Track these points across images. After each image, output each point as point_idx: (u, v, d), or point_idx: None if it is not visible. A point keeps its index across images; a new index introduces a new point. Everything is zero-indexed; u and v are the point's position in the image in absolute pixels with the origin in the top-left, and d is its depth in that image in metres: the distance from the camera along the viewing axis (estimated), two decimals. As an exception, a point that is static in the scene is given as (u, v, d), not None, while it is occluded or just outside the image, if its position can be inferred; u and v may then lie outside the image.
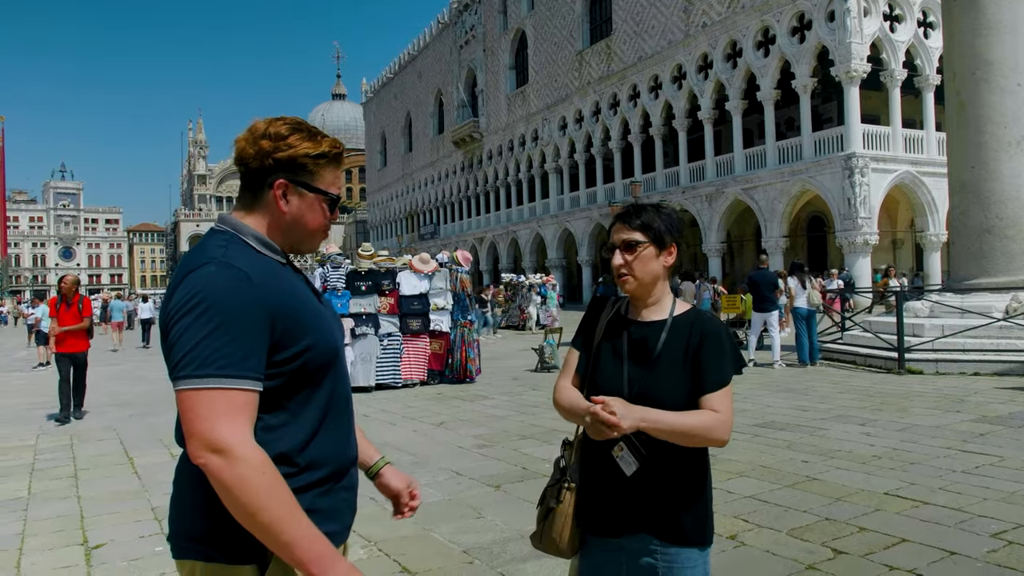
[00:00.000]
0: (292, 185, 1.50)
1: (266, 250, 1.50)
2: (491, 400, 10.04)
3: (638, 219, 1.93)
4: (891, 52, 27.69)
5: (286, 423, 1.45)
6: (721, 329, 1.91)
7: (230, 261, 1.40)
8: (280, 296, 1.43)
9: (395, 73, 69.98)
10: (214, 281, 1.37)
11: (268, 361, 1.40)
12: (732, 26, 31.17)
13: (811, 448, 6.40)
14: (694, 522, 1.85)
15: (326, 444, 1.50)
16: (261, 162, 1.48)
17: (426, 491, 5.52)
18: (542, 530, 1.97)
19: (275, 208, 1.51)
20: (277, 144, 1.47)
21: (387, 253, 13.18)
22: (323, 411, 1.50)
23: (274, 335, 1.40)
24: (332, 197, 1.56)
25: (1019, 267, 11.78)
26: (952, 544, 4.01)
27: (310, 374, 1.47)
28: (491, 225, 52.56)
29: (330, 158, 1.53)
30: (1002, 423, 7.21)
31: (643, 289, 1.94)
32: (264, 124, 1.51)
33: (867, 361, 12.14)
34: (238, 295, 1.36)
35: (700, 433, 1.79)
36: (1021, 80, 11.89)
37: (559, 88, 43.77)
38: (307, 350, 1.44)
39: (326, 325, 1.53)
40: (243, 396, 1.35)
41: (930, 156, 27.95)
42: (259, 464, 1.32)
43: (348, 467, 1.58)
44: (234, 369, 1.34)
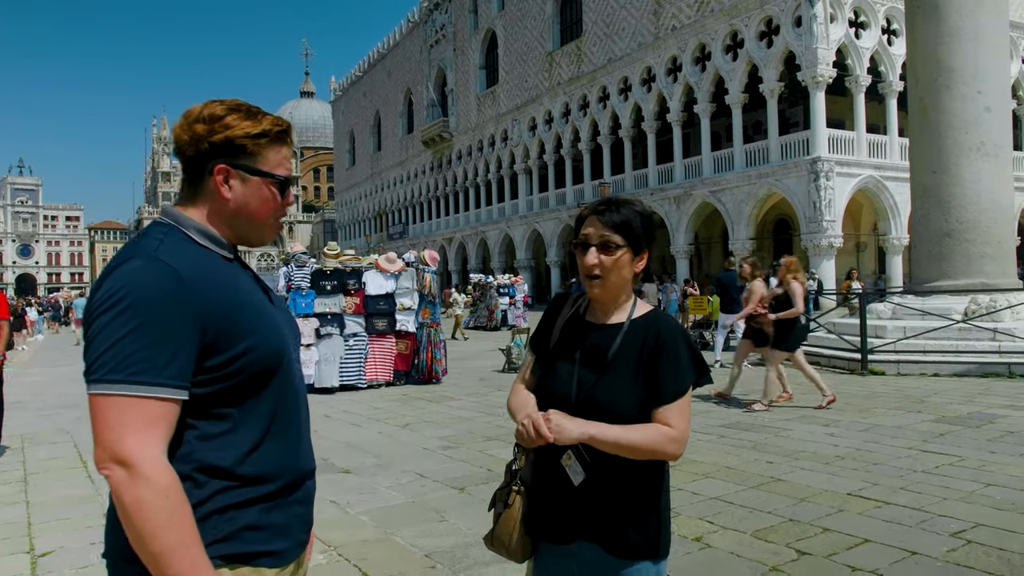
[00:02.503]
0: (233, 169, 1.38)
1: (209, 243, 1.39)
2: (457, 401, 9.96)
3: (618, 217, 1.78)
4: (856, 58, 28.11)
5: (226, 432, 1.33)
6: (679, 334, 1.81)
7: (159, 256, 1.29)
8: (216, 295, 1.31)
9: (364, 71, 69.48)
10: (138, 277, 1.26)
11: (199, 366, 1.28)
12: (701, 29, 31.42)
13: (776, 449, 6.42)
14: (646, 535, 1.77)
15: (274, 455, 1.39)
16: (197, 147, 1.37)
17: (389, 493, 5.44)
18: (493, 532, 1.91)
19: (217, 196, 1.39)
20: (212, 126, 1.36)
21: (353, 252, 13.02)
22: (268, 419, 1.38)
23: (205, 338, 1.28)
24: (280, 179, 1.43)
25: (978, 270, 11.99)
26: (913, 544, 4.03)
27: (251, 380, 1.35)
28: (460, 225, 52.41)
29: (272, 137, 1.42)
30: (961, 423, 7.32)
31: (610, 295, 1.83)
32: (199, 107, 1.40)
33: (831, 362, 12.27)
34: (163, 293, 1.25)
35: (648, 449, 1.70)
36: (981, 87, 12.10)
37: (529, 89, 43.78)
38: (245, 353, 1.33)
39: (272, 327, 1.42)
40: (159, 406, 1.23)
41: (893, 161, 28.43)
42: (163, 487, 1.21)
43: (302, 479, 1.46)
44: (151, 375, 1.22)
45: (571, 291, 10.59)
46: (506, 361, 13.30)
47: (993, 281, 11.86)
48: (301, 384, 1.51)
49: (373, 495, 5.41)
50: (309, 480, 1.49)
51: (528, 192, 44.83)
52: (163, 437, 1.24)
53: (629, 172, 36.50)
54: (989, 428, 7.04)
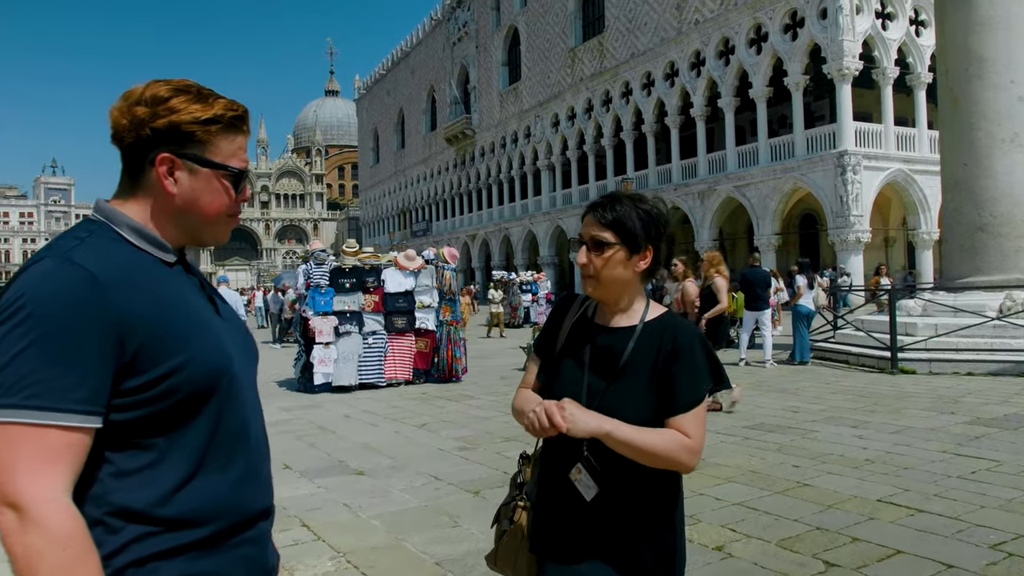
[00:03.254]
0: (179, 159, 1.19)
1: (145, 244, 1.20)
2: (476, 400, 9.84)
3: (611, 214, 1.67)
4: (883, 50, 27.58)
5: (147, 468, 1.12)
6: (696, 338, 1.67)
7: (73, 257, 1.09)
8: (140, 304, 1.11)
9: (388, 70, 69.66)
10: (43, 283, 1.07)
11: (116, 388, 1.09)
12: (725, 23, 31.02)
13: (802, 451, 6.21)
14: (659, 555, 1.64)
15: (209, 494, 1.17)
16: (137, 134, 1.17)
17: (403, 496, 5.32)
18: (496, 551, 1.81)
19: (160, 190, 1.20)
20: (155, 110, 1.17)
21: (372, 250, 12.95)
22: (201, 451, 1.17)
23: (123, 354, 1.08)
24: (233, 171, 1.24)
25: (1013, 265, 11.63)
26: (949, 556, 3.82)
27: (180, 404, 1.14)
28: (483, 222, 52.35)
29: (226, 123, 1.22)
30: (997, 425, 7.04)
31: (607, 295, 1.71)
32: (141, 87, 1.21)
33: (859, 360, 11.97)
34: (72, 302, 1.05)
35: (663, 455, 1.57)
36: (1014, 77, 11.73)
37: (552, 85, 43.55)
38: (173, 373, 1.12)
39: (211, 342, 1.20)
40: (62, 436, 1.03)
41: (922, 154, 27.87)
42: (61, 535, 1.01)
43: (251, 520, 1.24)
44: (51, 399, 1.02)
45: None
46: (527, 359, 13.16)
47: (1029, 276, 11.49)
48: (253, 410, 1.29)
49: (386, 498, 5.29)
50: (263, 521, 1.27)
51: (551, 188, 44.65)
52: (66, 473, 1.04)
53: (652, 168, 36.19)
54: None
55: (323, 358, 10.92)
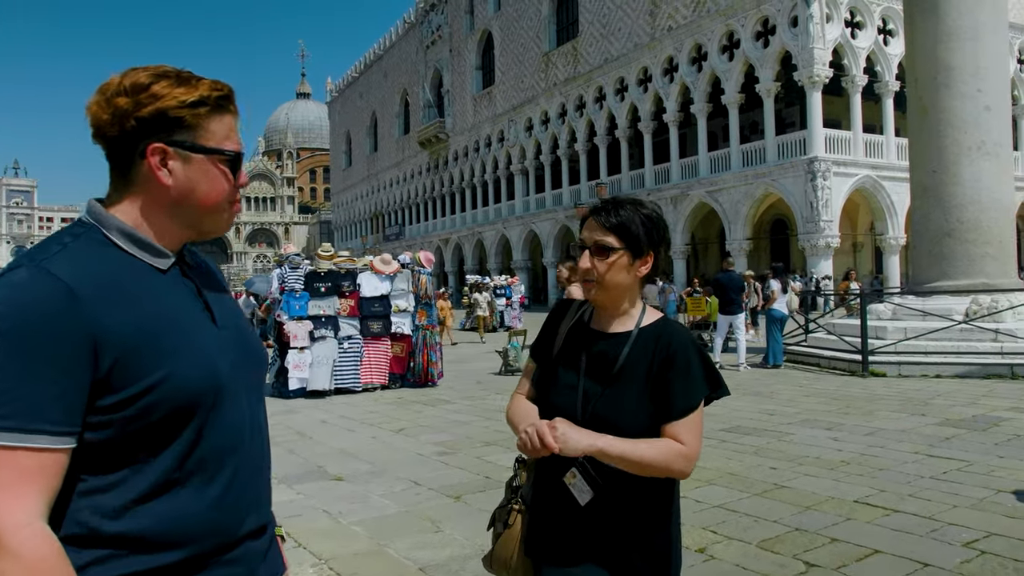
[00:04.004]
0: (170, 148, 1.11)
1: (136, 249, 1.13)
2: (453, 405, 9.81)
3: (615, 218, 1.68)
4: (852, 58, 28.06)
5: (117, 486, 1.07)
6: (691, 344, 1.68)
7: (48, 267, 1.03)
8: (120, 316, 1.04)
9: (361, 72, 69.35)
10: (15, 295, 1.00)
11: (91, 405, 1.03)
12: (697, 30, 31.34)
13: (779, 454, 6.29)
14: (655, 558, 1.66)
15: (188, 513, 1.10)
16: (122, 126, 1.09)
17: (383, 502, 5.29)
18: (492, 554, 1.80)
19: (154, 184, 1.12)
20: (138, 98, 1.09)
21: (347, 254, 12.88)
22: (177, 469, 1.10)
23: (98, 370, 1.02)
24: (229, 154, 1.16)
25: (979, 270, 11.88)
26: (924, 555, 3.89)
27: (160, 421, 1.07)
28: (456, 226, 52.28)
29: (213, 105, 1.14)
30: (966, 426, 7.19)
31: (609, 300, 1.71)
32: (117, 77, 1.12)
33: (831, 364, 12.15)
34: (44, 315, 0.99)
35: (659, 465, 1.58)
36: (981, 86, 11.99)
37: (525, 89, 43.67)
38: (152, 389, 1.05)
39: (199, 354, 1.12)
40: (35, 458, 0.98)
41: (889, 161, 28.39)
42: (33, 562, 0.96)
43: (236, 542, 1.17)
44: (22, 420, 0.97)
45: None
46: (503, 363, 13.16)
47: (994, 281, 11.75)
48: (247, 421, 1.21)
49: (366, 504, 5.26)
50: (251, 540, 1.20)
51: (525, 193, 44.73)
52: (40, 497, 0.99)
53: (626, 172, 36.42)
54: (995, 431, 6.91)
55: (298, 363, 10.82)
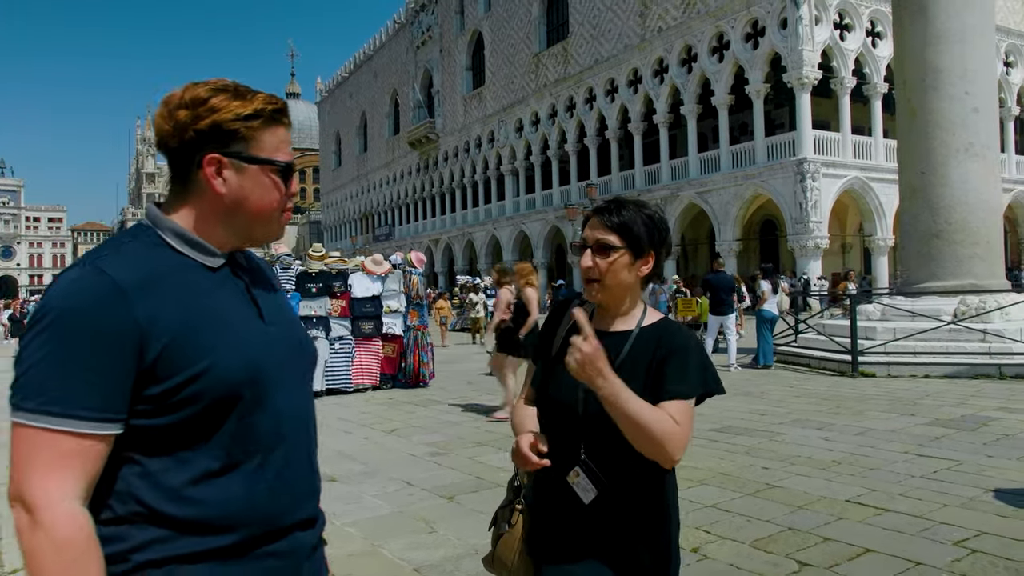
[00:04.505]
0: (225, 158, 1.20)
1: (187, 248, 1.21)
2: (445, 405, 9.80)
3: (617, 218, 1.69)
4: (841, 60, 28.22)
5: (170, 470, 1.14)
6: (691, 344, 1.70)
7: (102, 266, 1.12)
8: (167, 310, 1.12)
9: (350, 72, 69.16)
10: (67, 291, 1.10)
11: (138, 395, 1.11)
12: (687, 31, 31.44)
13: (770, 454, 6.31)
14: (655, 558, 1.67)
15: (235, 499, 1.16)
16: (181, 137, 1.19)
17: (376, 503, 5.29)
18: (493, 554, 1.80)
19: (210, 192, 1.21)
20: (196, 111, 1.18)
21: (339, 254, 12.85)
22: (225, 456, 1.16)
23: (143, 361, 1.10)
24: (280, 165, 1.25)
25: (967, 271, 11.96)
26: (916, 554, 3.92)
27: (206, 409, 1.14)
28: (447, 227, 52.23)
29: (267, 117, 1.23)
30: (955, 426, 7.24)
31: (610, 299, 1.72)
32: (179, 91, 1.22)
33: (821, 364, 12.21)
34: (92, 309, 1.08)
35: (656, 434, 1.54)
36: (969, 88, 12.08)
37: (516, 90, 43.68)
38: (197, 377, 1.12)
39: (242, 348, 1.19)
40: (73, 442, 1.06)
41: (878, 162, 28.57)
42: (62, 539, 1.04)
43: (283, 531, 1.22)
44: (64, 405, 1.06)
45: (560, 293, 10.53)
46: (494, 364, 13.15)
47: (982, 282, 11.83)
48: (293, 417, 1.27)
49: (359, 505, 5.25)
50: (300, 531, 1.25)
51: (515, 193, 44.73)
52: (77, 479, 1.07)
53: (616, 173, 36.48)
54: (984, 431, 6.97)
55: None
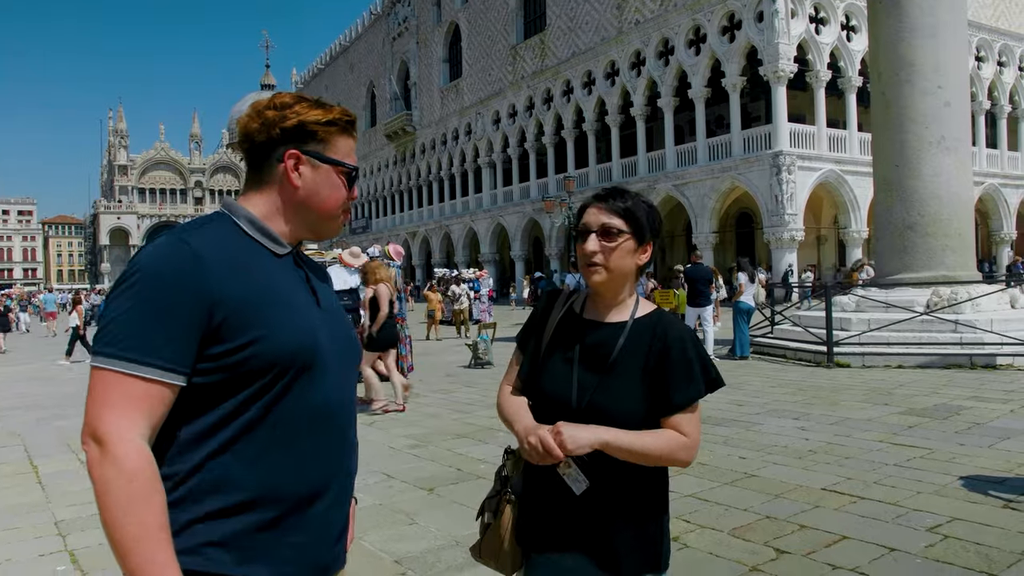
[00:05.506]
0: (304, 155, 1.35)
1: (258, 234, 1.34)
2: (424, 398, 9.79)
3: (622, 203, 1.69)
4: (816, 53, 28.44)
5: (212, 435, 1.24)
6: (687, 336, 1.69)
7: (186, 238, 1.25)
8: (235, 281, 1.24)
9: (326, 64, 68.63)
10: (155, 255, 1.23)
11: (202, 353, 1.22)
12: (664, 24, 31.53)
13: (748, 444, 6.38)
14: (646, 546, 1.66)
15: (259, 466, 1.25)
16: (268, 133, 1.33)
17: (356, 495, 5.26)
18: (481, 543, 1.80)
19: (287, 184, 1.35)
20: (284, 113, 1.34)
21: (315, 247, 12.76)
22: (259, 421, 1.26)
23: (210, 324, 1.21)
24: (349, 167, 1.40)
25: (939, 262, 12.14)
26: (891, 540, 3.98)
27: (252, 374, 1.24)
28: (424, 219, 52.07)
29: (341, 126, 1.38)
30: (928, 415, 7.36)
31: (612, 285, 1.71)
32: (266, 99, 1.38)
33: (797, 355, 12.35)
34: (174, 273, 1.20)
35: (663, 456, 1.60)
36: (941, 82, 12.24)
37: (493, 82, 43.57)
38: (255, 342, 1.23)
39: (296, 325, 1.29)
40: (145, 387, 1.18)
41: (852, 155, 28.87)
42: (131, 470, 1.14)
43: (305, 504, 1.30)
44: (139, 353, 1.17)
45: (540, 285, 10.55)
46: (472, 356, 13.15)
47: (954, 273, 12.02)
48: (338, 399, 1.37)
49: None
50: (331, 511, 1.36)
51: (492, 186, 44.66)
52: (144, 420, 1.18)
53: (593, 166, 36.55)
54: (956, 420, 7.09)
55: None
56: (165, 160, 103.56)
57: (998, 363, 10.39)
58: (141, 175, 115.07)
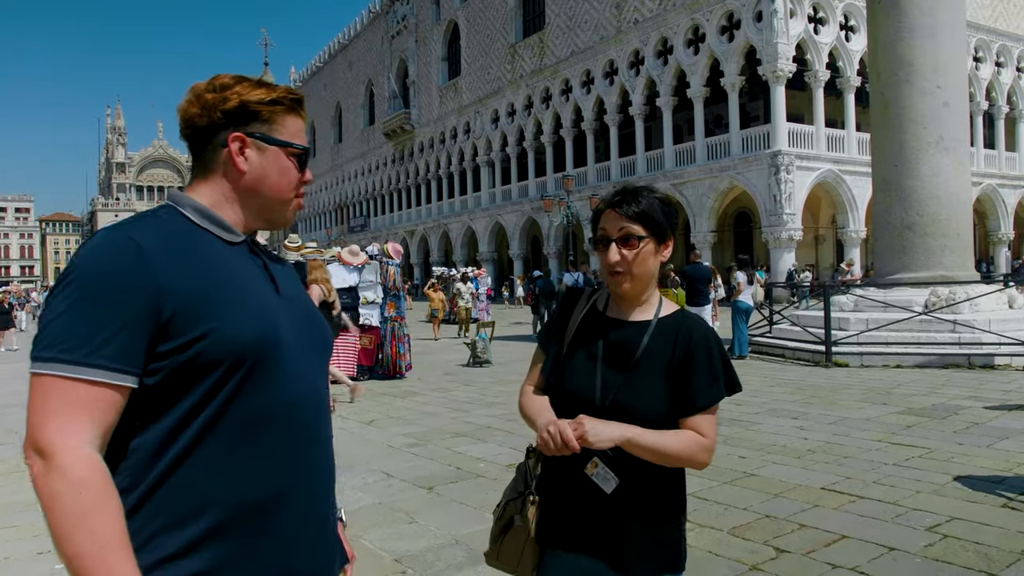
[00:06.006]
0: (248, 138, 1.26)
1: (207, 223, 1.25)
2: (423, 397, 9.79)
3: (636, 207, 1.66)
4: (815, 53, 28.46)
5: (163, 438, 1.14)
6: (711, 338, 1.68)
7: (127, 231, 1.16)
8: (184, 272, 1.15)
9: (325, 62, 68.55)
10: (94, 251, 1.15)
11: (152, 352, 1.13)
12: (663, 23, 31.53)
13: (747, 443, 6.38)
14: (661, 550, 1.66)
15: (220, 469, 1.16)
16: (209, 117, 1.25)
17: (355, 494, 5.26)
18: (500, 546, 1.76)
19: (232, 170, 1.27)
20: (224, 94, 1.26)
21: (315, 245, 12.75)
22: (216, 421, 1.16)
23: (159, 319, 1.12)
24: (299, 148, 1.31)
25: (937, 262, 12.17)
26: (891, 540, 3.99)
27: (207, 367, 1.15)
28: (422, 218, 52.05)
29: (287, 105, 1.30)
30: (926, 415, 7.37)
31: (637, 289, 1.70)
32: (205, 82, 1.29)
33: (795, 354, 12.35)
34: (113, 267, 1.12)
35: (684, 457, 1.60)
36: (940, 83, 12.25)
37: (492, 81, 43.55)
38: (207, 335, 1.14)
39: (253, 317, 1.20)
40: (86, 390, 1.08)
41: (850, 155, 28.90)
42: (79, 480, 1.05)
43: (273, 506, 1.20)
44: (81, 354, 1.08)
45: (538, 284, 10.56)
46: (471, 355, 13.14)
47: (952, 273, 12.04)
48: (302, 392, 1.26)
49: (339, 496, 5.20)
50: (296, 512, 1.24)
51: (491, 185, 44.66)
52: (91, 426, 1.09)
53: (592, 165, 36.55)
54: (954, 420, 7.10)
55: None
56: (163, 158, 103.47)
57: (996, 363, 10.41)
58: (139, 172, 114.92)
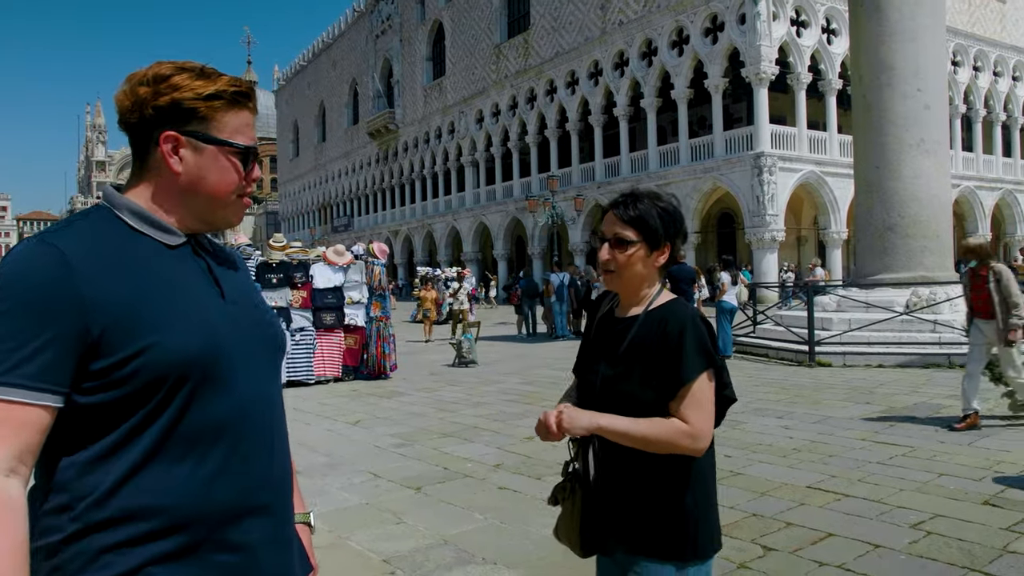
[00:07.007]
0: (183, 137, 1.17)
1: (143, 225, 1.17)
2: (408, 397, 9.77)
3: (633, 211, 1.78)
4: (797, 56, 28.65)
5: (109, 455, 1.09)
6: (687, 323, 1.72)
7: (51, 239, 1.09)
8: (115, 283, 1.09)
9: (309, 61, 68.16)
10: (14, 263, 1.07)
11: (85, 370, 1.07)
12: (648, 25, 31.63)
13: (733, 442, 6.42)
14: (666, 532, 1.71)
15: (169, 485, 1.10)
16: (141, 113, 1.16)
17: (342, 495, 5.25)
18: (558, 525, 1.91)
19: (166, 170, 1.18)
20: (157, 88, 1.16)
21: (300, 244, 12.68)
22: (164, 437, 1.11)
23: (89, 334, 1.06)
24: (239, 147, 1.21)
25: (918, 263, 12.30)
26: (876, 537, 4.03)
27: (148, 386, 1.09)
28: (406, 218, 51.90)
29: (228, 99, 1.20)
30: (909, 413, 7.45)
31: (626, 288, 1.84)
32: (144, 69, 1.19)
33: (779, 354, 12.44)
34: (35, 280, 1.05)
35: (661, 442, 1.68)
36: (921, 86, 12.39)
37: (476, 81, 43.50)
38: (145, 350, 1.08)
39: (195, 326, 1.14)
40: (6, 411, 1.02)
41: (832, 157, 29.12)
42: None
43: (227, 520, 1.15)
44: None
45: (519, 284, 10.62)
46: (456, 355, 13.12)
47: (932, 274, 12.17)
48: (253, 399, 1.21)
49: (325, 497, 5.21)
50: (255, 522, 1.18)
51: (475, 185, 44.60)
52: (7, 447, 1.02)
53: (576, 166, 36.60)
54: (936, 419, 7.18)
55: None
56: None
57: (976, 363, 10.52)
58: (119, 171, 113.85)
